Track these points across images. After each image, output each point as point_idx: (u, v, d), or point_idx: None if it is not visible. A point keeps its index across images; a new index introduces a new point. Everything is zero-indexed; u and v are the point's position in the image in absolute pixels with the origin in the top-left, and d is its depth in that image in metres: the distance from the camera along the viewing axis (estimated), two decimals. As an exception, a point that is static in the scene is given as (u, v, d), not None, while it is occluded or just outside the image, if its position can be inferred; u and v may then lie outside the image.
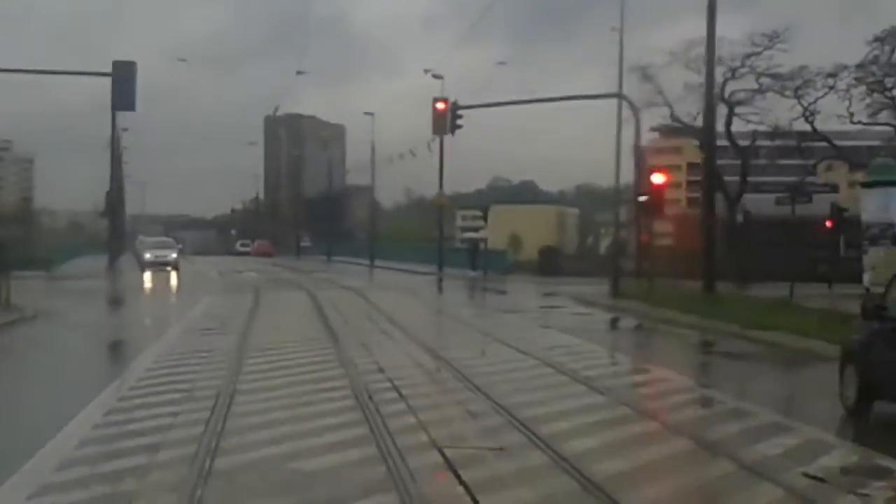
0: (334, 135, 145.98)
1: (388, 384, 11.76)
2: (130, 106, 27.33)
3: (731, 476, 7.79)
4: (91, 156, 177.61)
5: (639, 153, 28.41)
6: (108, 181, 45.96)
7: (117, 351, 16.92)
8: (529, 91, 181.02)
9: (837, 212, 38.85)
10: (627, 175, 35.51)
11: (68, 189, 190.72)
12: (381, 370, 13.02)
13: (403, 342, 17.06)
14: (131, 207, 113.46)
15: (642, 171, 28.54)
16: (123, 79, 26.84)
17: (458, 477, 7.37)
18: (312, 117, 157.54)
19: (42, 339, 18.47)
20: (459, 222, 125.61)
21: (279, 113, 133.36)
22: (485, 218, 47.70)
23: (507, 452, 8.32)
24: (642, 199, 26.90)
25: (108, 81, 26.97)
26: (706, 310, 21.97)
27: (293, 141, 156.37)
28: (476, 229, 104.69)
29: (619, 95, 28.96)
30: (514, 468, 7.78)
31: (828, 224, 38.75)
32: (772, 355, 16.58)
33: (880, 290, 10.49)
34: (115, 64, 27.48)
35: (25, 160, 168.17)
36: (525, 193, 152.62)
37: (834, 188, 42.31)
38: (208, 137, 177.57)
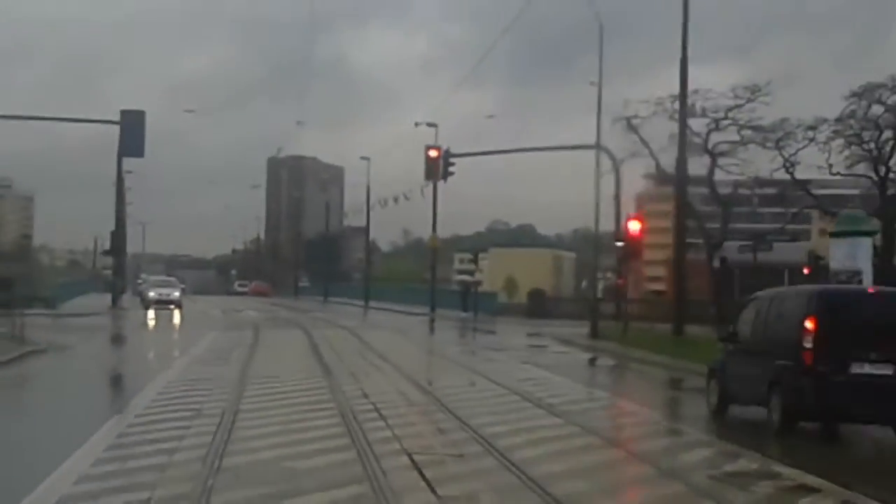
0: (333, 177, 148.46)
1: (371, 407, 13.51)
2: (139, 152, 29.23)
3: (643, 473, 9.57)
4: (89, 194, 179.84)
5: (618, 202, 30.33)
6: (106, 219, 47.72)
7: (130, 378, 18.61)
8: (525, 136, 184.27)
9: (814, 259, 41.02)
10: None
11: (67, 227, 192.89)
12: (365, 396, 14.78)
13: (389, 374, 18.82)
14: (132, 246, 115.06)
15: (621, 217, 30.36)
16: (132, 126, 28.77)
17: (421, 474, 9.11)
18: (314, 159, 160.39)
19: (57, 368, 20.23)
20: (456, 265, 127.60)
21: (282, 155, 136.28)
22: (475, 261, 49.53)
23: (465, 458, 10.07)
24: (619, 244, 28.85)
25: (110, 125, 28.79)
26: (675, 350, 23.72)
27: (294, 182, 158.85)
28: (470, 272, 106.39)
29: (597, 147, 30.97)
30: (470, 469, 9.53)
31: (805, 271, 40.74)
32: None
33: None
34: (124, 113, 29.46)
35: (25, 198, 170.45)
36: (523, 237, 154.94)
37: (794, 237, 44.44)
38: (210, 178, 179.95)
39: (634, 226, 28.29)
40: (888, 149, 41.80)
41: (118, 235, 48.53)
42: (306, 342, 26.93)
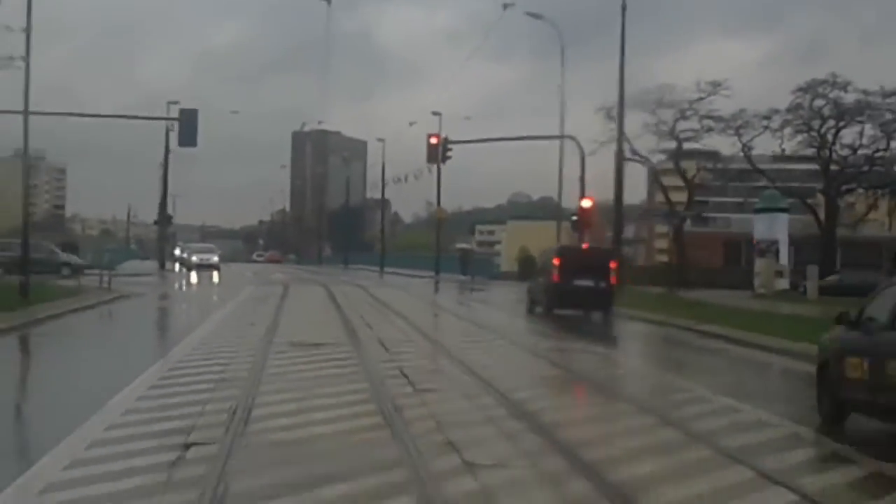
0: (356, 151, 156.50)
1: (364, 322, 21.90)
2: (193, 144, 37.36)
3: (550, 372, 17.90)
4: (118, 165, 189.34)
5: (583, 183, 38.35)
6: (136, 189, 56.31)
7: (201, 310, 27.00)
8: (544, 110, 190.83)
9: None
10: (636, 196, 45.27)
11: (97, 197, 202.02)
12: (361, 318, 23.17)
13: (381, 309, 27.24)
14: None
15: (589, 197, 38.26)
16: (188, 123, 36.95)
17: (384, 347, 17.39)
18: (337, 133, 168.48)
19: (145, 305, 28.73)
20: (477, 236, 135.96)
21: (306, 129, 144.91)
22: (472, 232, 57.65)
23: (415, 342, 18.40)
24: (574, 218, 37.03)
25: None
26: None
27: (318, 156, 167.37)
28: (491, 243, 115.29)
29: (562, 137, 39.01)
30: (415, 347, 17.84)
31: (754, 241, 48.84)
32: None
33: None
34: (182, 111, 37.67)
35: (58, 169, 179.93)
36: (543, 209, 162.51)
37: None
38: (237, 151, 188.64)
39: (586, 203, 36.38)
40: (830, 136, 49.58)
41: (164, 208, 57.23)
42: (325, 293, 35.32)
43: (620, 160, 36.97)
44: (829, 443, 9.67)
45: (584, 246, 31.98)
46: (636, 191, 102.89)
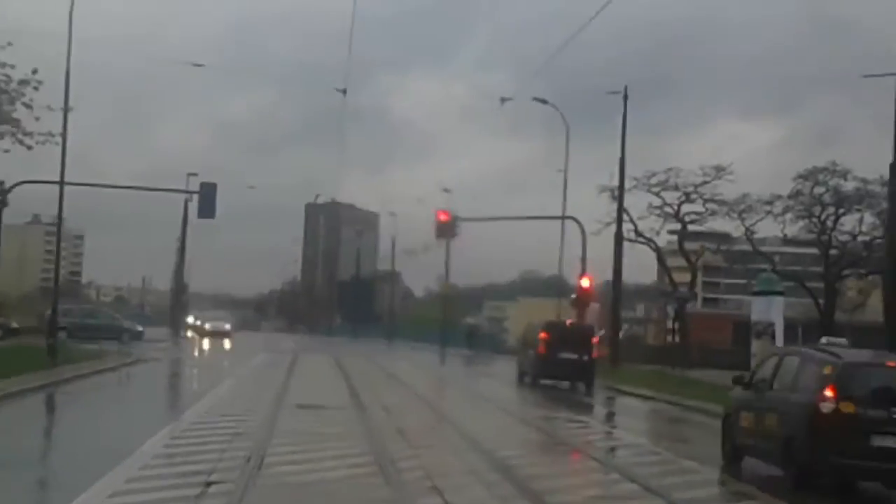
0: (368, 223, 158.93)
1: (369, 389, 23.41)
2: (211, 216, 39.21)
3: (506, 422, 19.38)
4: (133, 232, 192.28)
5: (584, 263, 39.94)
6: (149, 257, 58.33)
7: (215, 373, 28.50)
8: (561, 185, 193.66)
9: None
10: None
11: (111, 264, 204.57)
12: (370, 388, 24.70)
13: (383, 375, 28.76)
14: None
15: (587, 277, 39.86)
16: (207, 195, 38.84)
17: (387, 411, 18.91)
18: (350, 205, 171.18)
19: (161, 367, 30.30)
20: (487, 312, 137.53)
21: (319, 201, 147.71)
22: (479, 309, 59.18)
23: (414, 409, 19.91)
24: (573, 296, 38.64)
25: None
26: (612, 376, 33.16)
27: (330, 227, 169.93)
28: (500, 319, 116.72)
29: (564, 217, 40.82)
30: (413, 414, 19.35)
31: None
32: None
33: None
34: (202, 185, 39.59)
35: (75, 236, 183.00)
36: (554, 287, 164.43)
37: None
38: (251, 220, 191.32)
39: (585, 282, 38.01)
40: (830, 222, 51.25)
41: (180, 277, 59.12)
42: (333, 361, 36.82)
43: (619, 240, 38.65)
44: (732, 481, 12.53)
45: (568, 322, 34.47)
46: (647, 270, 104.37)
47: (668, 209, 52.16)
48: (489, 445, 14.01)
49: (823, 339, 32.87)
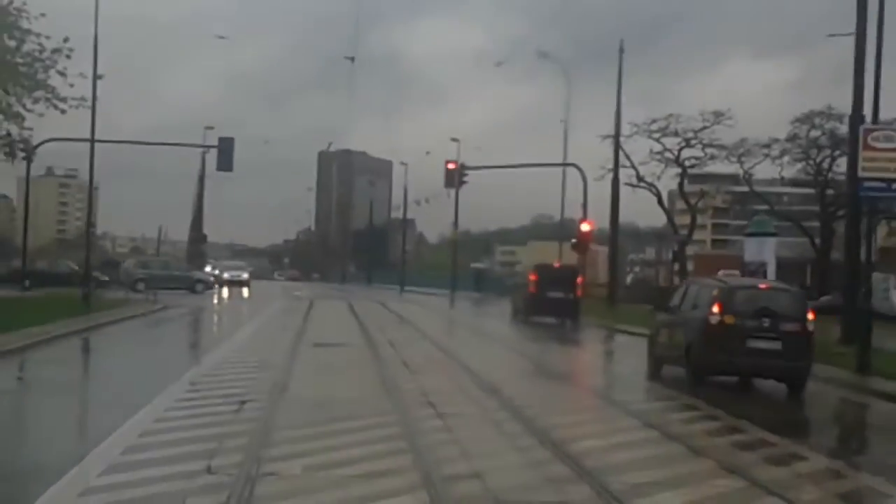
0: (382, 171, 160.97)
1: (379, 329, 25.86)
2: (229, 168, 41.47)
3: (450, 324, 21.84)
4: (148, 183, 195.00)
5: (585, 208, 42.22)
6: (164, 207, 60.98)
7: (241, 316, 30.97)
8: (571, 128, 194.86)
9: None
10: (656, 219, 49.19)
11: (127, 215, 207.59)
12: (380, 328, 27.13)
13: (393, 318, 31.25)
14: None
15: (587, 222, 42.15)
16: (225, 150, 41.13)
17: (389, 341, 21.35)
18: (363, 153, 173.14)
19: (194, 315, 32.80)
20: (499, 256, 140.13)
21: (332, 149, 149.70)
22: (488, 253, 61.53)
23: (414, 342, 22.36)
24: (573, 241, 40.96)
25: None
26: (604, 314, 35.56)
27: (344, 176, 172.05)
28: (510, 263, 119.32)
29: (565, 164, 43.01)
30: (417, 344, 21.80)
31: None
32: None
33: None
34: (220, 139, 41.81)
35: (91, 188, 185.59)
36: (566, 230, 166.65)
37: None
38: (265, 170, 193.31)
39: (585, 227, 40.29)
40: (826, 164, 53.15)
41: (198, 227, 61.56)
42: (346, 306, 39.33)
43: (616, 187, 40.90)
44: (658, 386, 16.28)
45: (556, 264, 37.61)
46: (654, 215, 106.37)
47: (668, 154, 54.21)
48: (478, 370, 16.43)
49: (720, 272, 35.73)
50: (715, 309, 15.55)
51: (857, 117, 21.31)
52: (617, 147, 41.69)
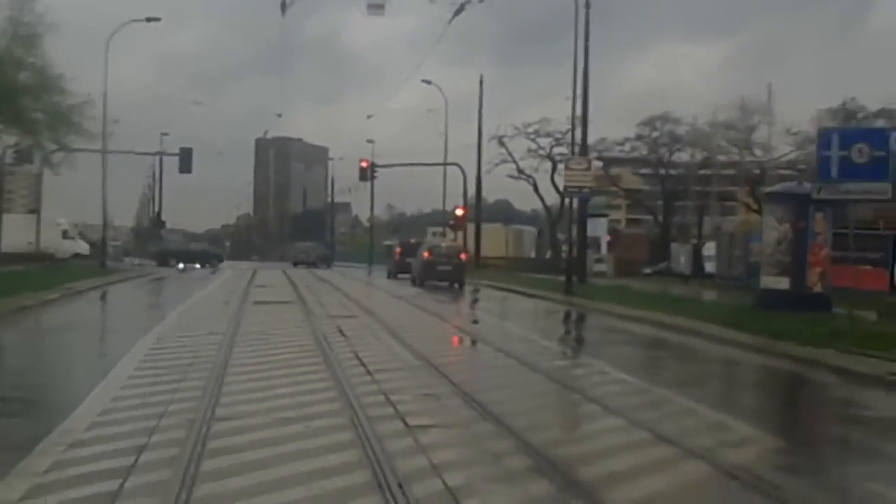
0: (317, 157, 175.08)
1: (309, 291, 40.77)
2: (189, 171, 55.96)
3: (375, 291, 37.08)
4: (84, 172, 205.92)
5: (465, 198, 57.57)
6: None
7: (202, 282, 45.51)
8: (513, 110, 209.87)
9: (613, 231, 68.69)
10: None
11: (67, 200, 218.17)
12: (309, 290, 41.99)
13: (320, 284, 46.14)
14: (130, 220, 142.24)
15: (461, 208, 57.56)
16: (185, 157, 55.64)
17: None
18: (299, 140, 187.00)
19: (170, 281, 47.38)
20: (429, 236, 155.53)
21: (268, 136, 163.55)
22: (397, 234, 76.78)
23: (327, 293, 37.38)
24: (451, 223, 56.37)
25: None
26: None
27: (280, 162, 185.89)
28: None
29: (446, 164, 58.29)
30: (340, 305, 36.83)
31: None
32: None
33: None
34: (182, 149, 56.34)
35: (34, 175, 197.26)
36: (499, 213, 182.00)
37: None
38: (202, 156, 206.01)
39: (459, 212, 55.71)
40: (666, 158, 69.03)
41: (158, 219, 76.22)
42: (281, 275, 54.11)
43: (479, 181, 56.34)
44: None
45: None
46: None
47: (541, 152, 69.91)
48: (384, 317, 29.68)
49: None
50: (426, 254, 35.44)
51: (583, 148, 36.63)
52: (480, 144, 57.41)
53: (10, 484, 7.51)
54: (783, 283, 23.48)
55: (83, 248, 66.27)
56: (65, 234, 66.27)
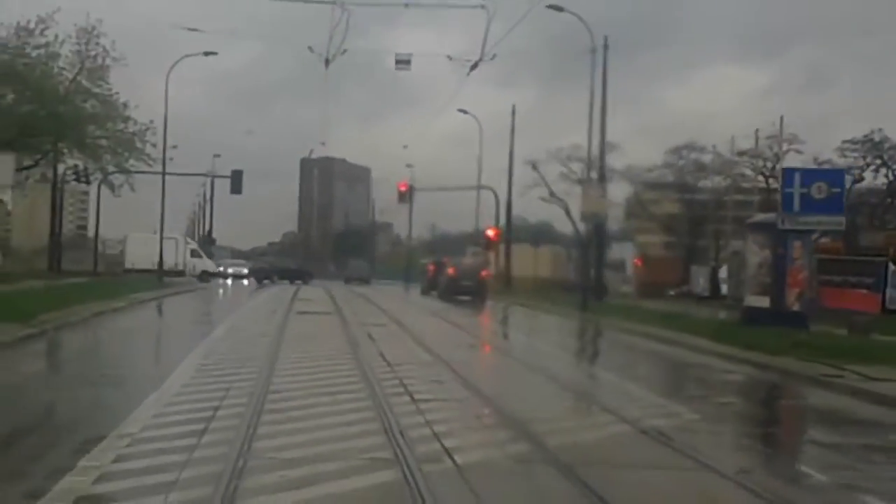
0: (360, 177, 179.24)
1: (347, 305, 44.30)
2: (239, 192, 59.83)
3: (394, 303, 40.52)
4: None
5: (497, 220, 60.97)
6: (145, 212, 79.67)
7: (244, 296, 49.16)
8: (550, 133, 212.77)
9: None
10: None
11: (113, 218, 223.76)
12: (347, 304, 45.52)
13: (359, 299, 49.65)
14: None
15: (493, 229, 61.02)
16: (237, 178, 59.45)
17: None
18: (343, 160, 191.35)
19: (219, 293, 51.08)
20: (468, 255, 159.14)
21: (313, 156, 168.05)
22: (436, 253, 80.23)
23: (377, 316, 40.91)
24: (484, 242, 59.79)
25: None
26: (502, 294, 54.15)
27: (324, 181, 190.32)
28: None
29: (479, 187, 61.84)
30: (374, 316, 40.35)
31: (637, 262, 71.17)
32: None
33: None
34: (234, 172, 60.26)
35: (81, 192, 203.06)
36: (541, 233, 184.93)
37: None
38: (248, 176, 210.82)
39: (490, 232, 59.09)
40: (691, 185, 71.95)
41: (210, 236, 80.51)
42: (323, 292, 57.67)
43: (509, 204, 59.72)
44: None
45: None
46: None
47: (573, 176, 73.12)
48: (414, 328, 33.49)
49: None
50: (450, 271, 40.84)
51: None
52: (510, 168, 60.57)
53: (136, 419, 11.27)
54: (764, 302, 26.51)
55: (210, 265, 73.36)
56: (193, 253, 72.99)
